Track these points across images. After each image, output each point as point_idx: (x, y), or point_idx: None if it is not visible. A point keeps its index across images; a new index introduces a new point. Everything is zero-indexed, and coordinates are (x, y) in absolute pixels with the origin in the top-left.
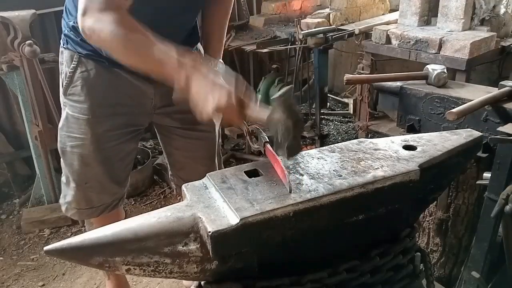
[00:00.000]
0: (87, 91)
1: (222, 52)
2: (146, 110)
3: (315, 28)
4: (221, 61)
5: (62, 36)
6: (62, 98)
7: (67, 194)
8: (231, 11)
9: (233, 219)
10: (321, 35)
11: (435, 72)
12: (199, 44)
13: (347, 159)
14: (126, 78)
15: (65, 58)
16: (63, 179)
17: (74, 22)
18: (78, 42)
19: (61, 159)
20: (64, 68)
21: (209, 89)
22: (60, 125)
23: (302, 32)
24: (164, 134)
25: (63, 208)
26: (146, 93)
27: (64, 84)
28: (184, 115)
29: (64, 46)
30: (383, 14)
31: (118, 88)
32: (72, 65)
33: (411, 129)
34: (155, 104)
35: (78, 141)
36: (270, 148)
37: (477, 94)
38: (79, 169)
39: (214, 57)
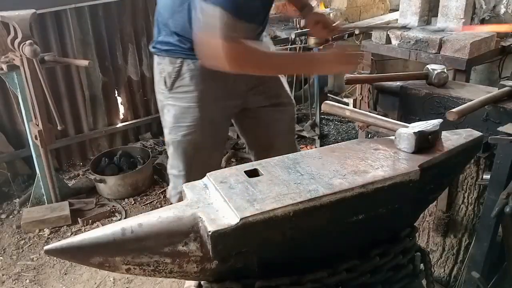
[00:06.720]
0: (195, 81)
1: None
2: (241, 92)
3: None
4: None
5: (159, 44)
6: (165, 95)
7: (179, 184)
8: None
9: (233, 219)
10: None
11: (435, 72)
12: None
13: (347, 159)
14: None
15: (166, 62)
16: (174, 172)
17: (177, 33)
18: (184, 49)
19: (170, 154)
20: (166, 67)
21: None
22: (164, 122)
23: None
24: (251, 117)
25: (175, 199)
26: (242, 77)
27: (169, 80)
28: (269, 91)
29: (164, 55)
30: (383, 14)
31: (217, 77)
32: (178, 63)
33: None
34: (248, 85)
35: (191, 129)
36: None
37: (477, 94)
38: (193, 155)
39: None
